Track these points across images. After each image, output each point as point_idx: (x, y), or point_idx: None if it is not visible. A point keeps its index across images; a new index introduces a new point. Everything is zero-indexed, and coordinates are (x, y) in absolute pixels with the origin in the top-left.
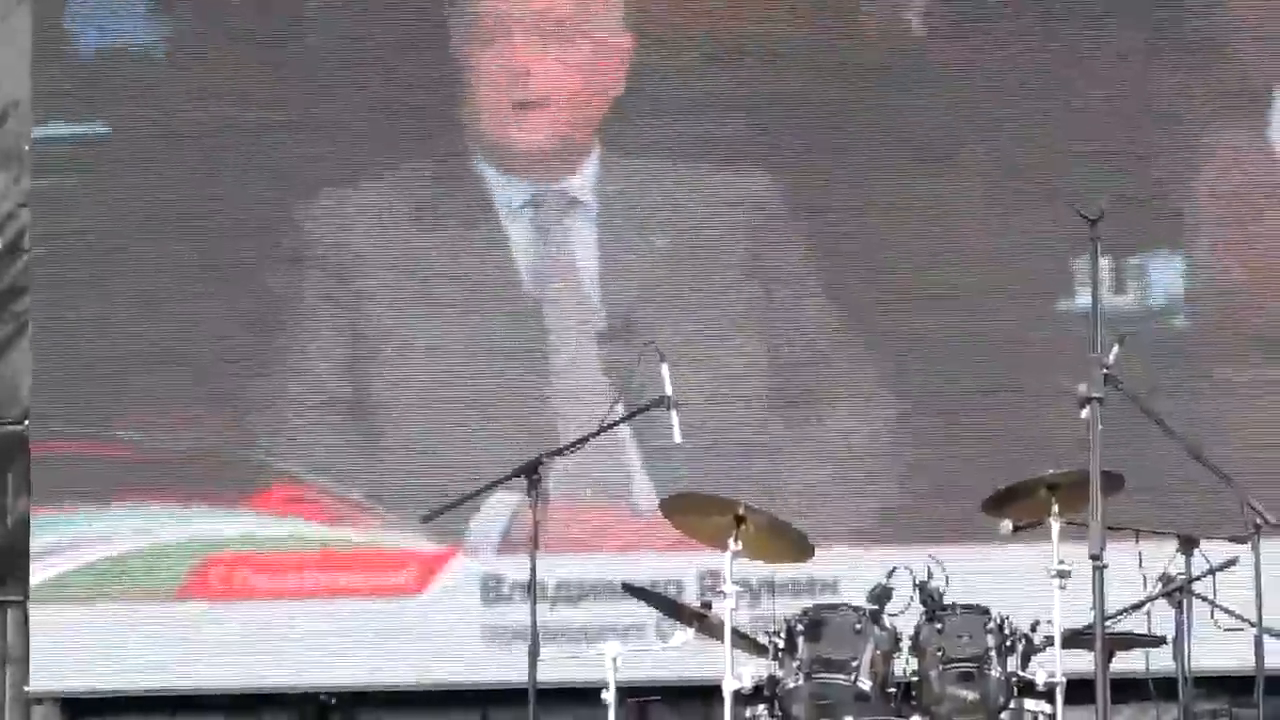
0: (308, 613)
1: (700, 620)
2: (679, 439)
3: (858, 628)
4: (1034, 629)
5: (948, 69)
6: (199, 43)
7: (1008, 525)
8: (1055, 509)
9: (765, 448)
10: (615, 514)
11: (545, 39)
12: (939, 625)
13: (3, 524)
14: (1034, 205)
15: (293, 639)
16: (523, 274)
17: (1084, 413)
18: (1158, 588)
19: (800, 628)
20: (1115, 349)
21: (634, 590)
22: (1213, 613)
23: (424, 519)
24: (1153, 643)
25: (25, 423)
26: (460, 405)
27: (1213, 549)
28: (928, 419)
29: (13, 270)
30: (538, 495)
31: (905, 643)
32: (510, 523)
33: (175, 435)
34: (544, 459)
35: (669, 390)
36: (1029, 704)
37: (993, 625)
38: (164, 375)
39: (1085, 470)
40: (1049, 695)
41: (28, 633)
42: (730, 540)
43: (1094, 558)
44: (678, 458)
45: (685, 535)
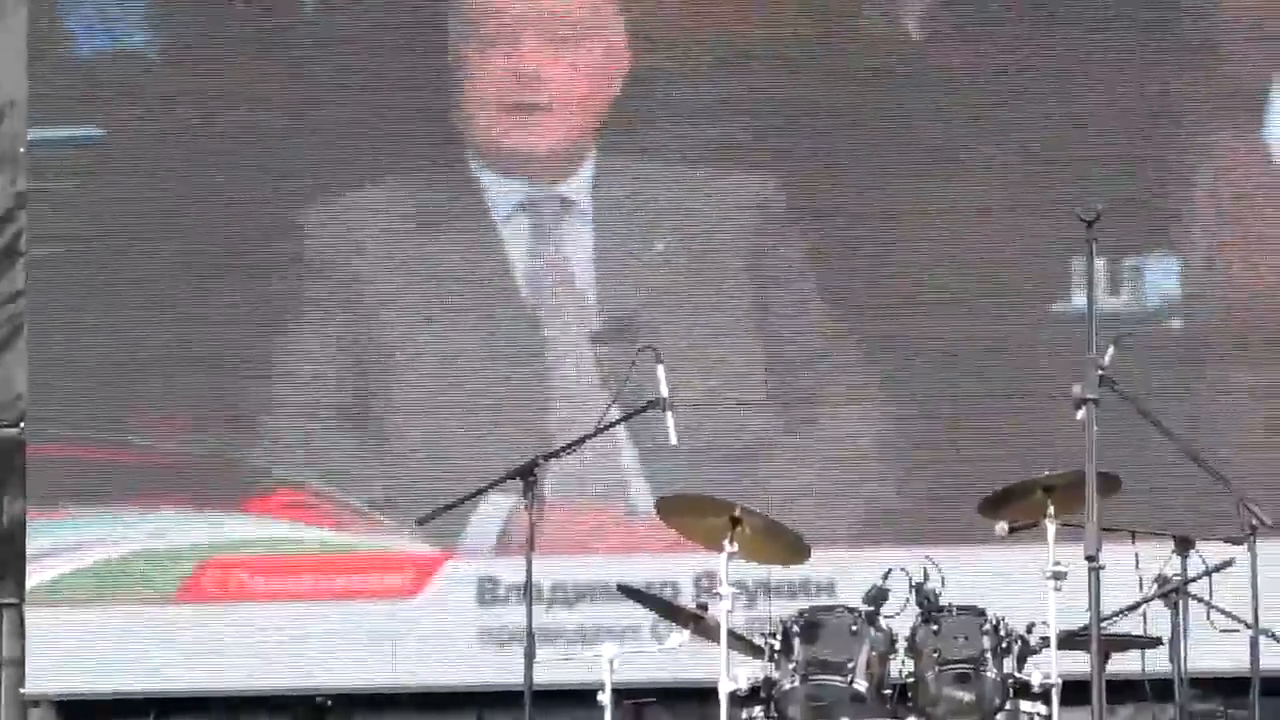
0: (304, 615)
1: (696, 622)
2: (675, 441)
3: (854, 629)
4: (1030, 630)
5: (947, 73)
6: (196, 45)
7: (1004, 527)
8: (1051, 510)
9: (761, 449)
10: (611, 516)
11: (542, 42)
12: (935, 627)
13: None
14: (1031, 208)
15: (289, 642)
16: (519, 277)
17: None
18: (1154, 589)
19: (796, 629)
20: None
21: (630, 592)
22: (1209, 614)
23: (420, 521)
24: (1149, 644)
25: (21, 425)
26: (456, 408)
27: (1209, 550)
28: (924, 421)
29: (9, 273)
30: (533, 497)
31: (901, 644)
32: (506, 525)
33: (172, 438)
34: (540, 461)
35: (665, 392)
36: (1025, 705)
37: (989, 627)
38: (161, 378)
39: (1081, 471)
40: (1045, 697)
41: (24, 635)
42: (726, 542)
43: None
44: (674, 459)
45: (681, 537)
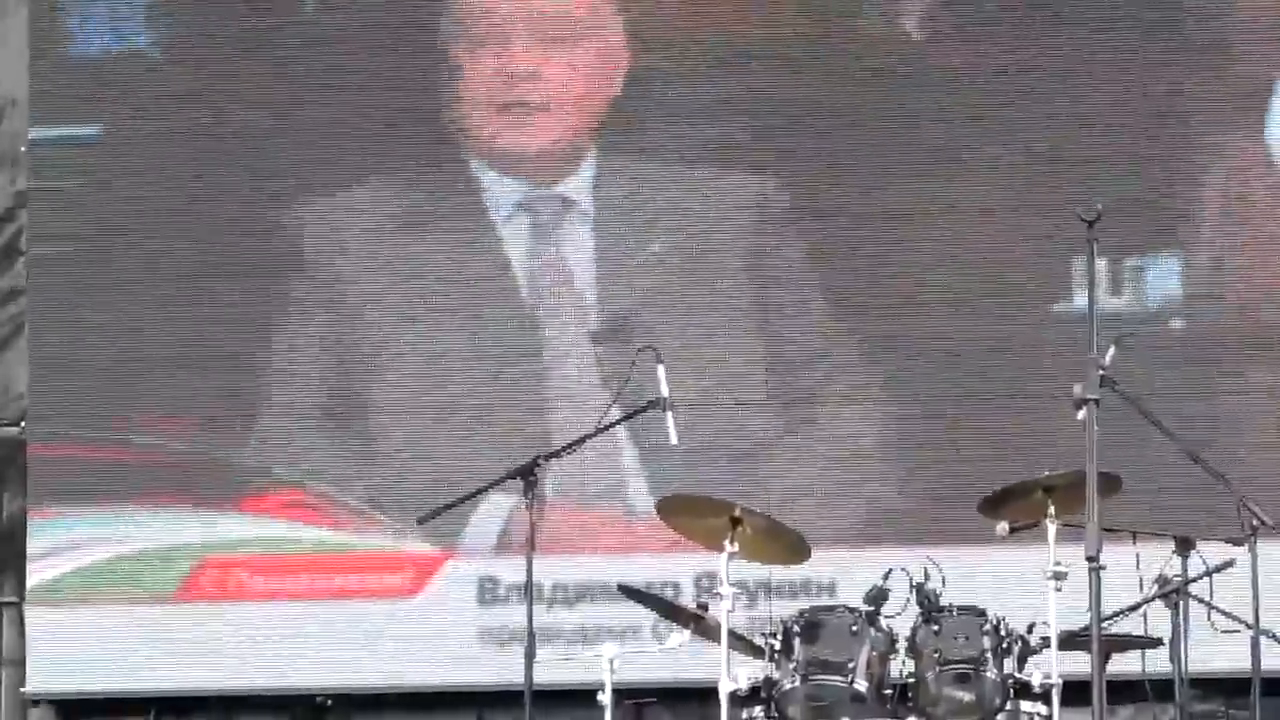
0: (304, 615)
1: (697, 622)
2: (675, 440)
3: (854, 629)
4: (1030, 630)
5: (948, 73)
6: (196, 45)
7: (1004, 527)
8: (1052, 510)
9: (762, 449)
10: (611, 516)
11: (541, 41)
12: (935, 627)
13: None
14: (1032, 208)
15: (289, 641)
16: (518, 277)
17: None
18: (1154, 589)
19: (797, 629)
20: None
21: (630, 592)
22: (1209, 614)
23: (420, 521)
24: (1149, 644)
25: (22, 425)
26: (456, 408)
27: (1210, 550)
28: (925, 421)
29: (9, 272)
30: (534, 497)
31: (902, 644)
32: (506, 524)
33: (171, 438)
34: (540, 461)
35: (665, 392)
36: (1025, 705)
37: (989, 627)
38: (162, 377)
39: (1082, 471)
40: (1045, 697)
41: (24, 635)
42: (727, 542)
43: (1090, 559)
44: (674, 459)
45: (682, 537)
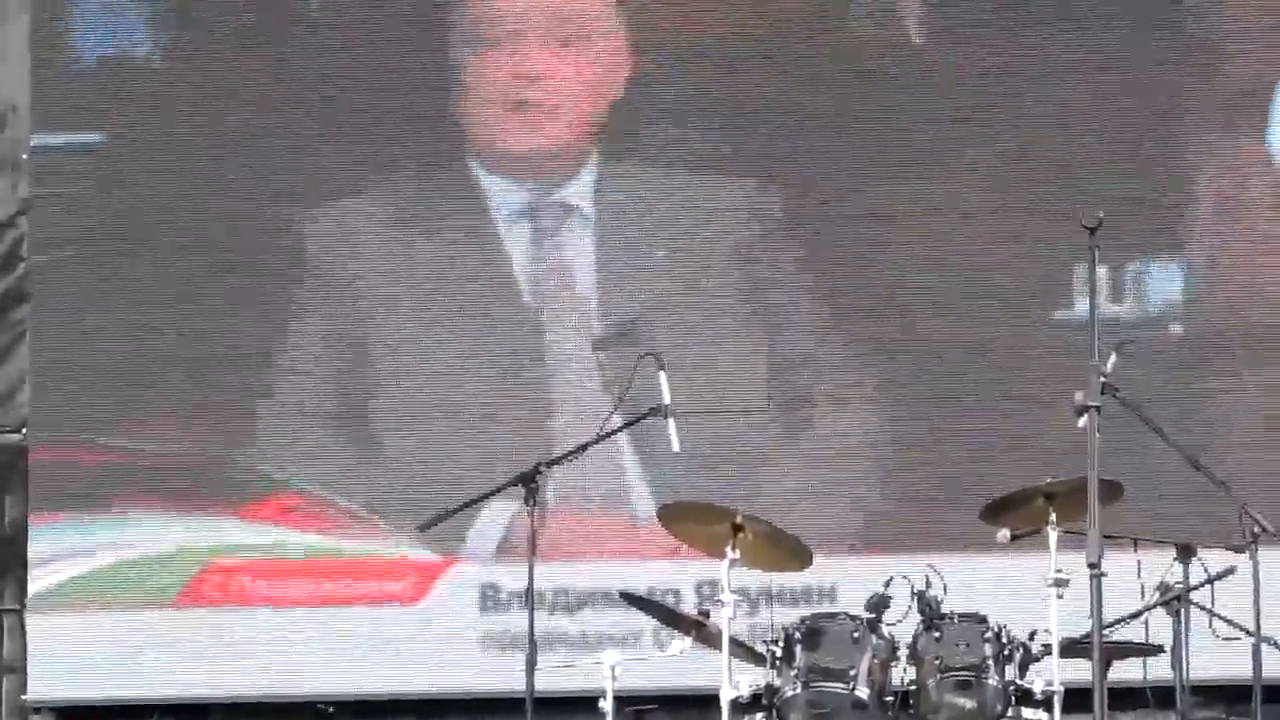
0: (305, 621)
1: (698, 629)
2: (676, 447)
3: (855, 636)
4: (1032, 638)
5: (945, 76)
6: (198, 51)
7: (1006, 534)
8: (1053, 517)
9: (763, 456)
10: (613, 522)
11: (543, 44)
12: (937, 634)
13: (1, 532)
14: (1032, 214)
15: (290, 647)
16: (520, 282)
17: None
18: (1156, 596)
19: (798, 636)
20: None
21: (632, 599)
22: (1211, 622)
23: (421, 527)
24: (1150, 652)
25: (23, 430)
26: (458, 414)
27: (1211, 558)
28: (926, 428)
29: (11, 278)
30: (535, 504)
31: (903, 651)
32: (508, 531)
33: (173, 443)
34: (541, 467)
35: (667, 399)
36: (1027, 713)
37: (990, 634)
38: (163, 383)
39: (1083, 478)
40: (1047, 704)
41: (25, 641)
42: (728, 549)
43: (1092, 566)
44: (675, 466)
45: (683, 544)
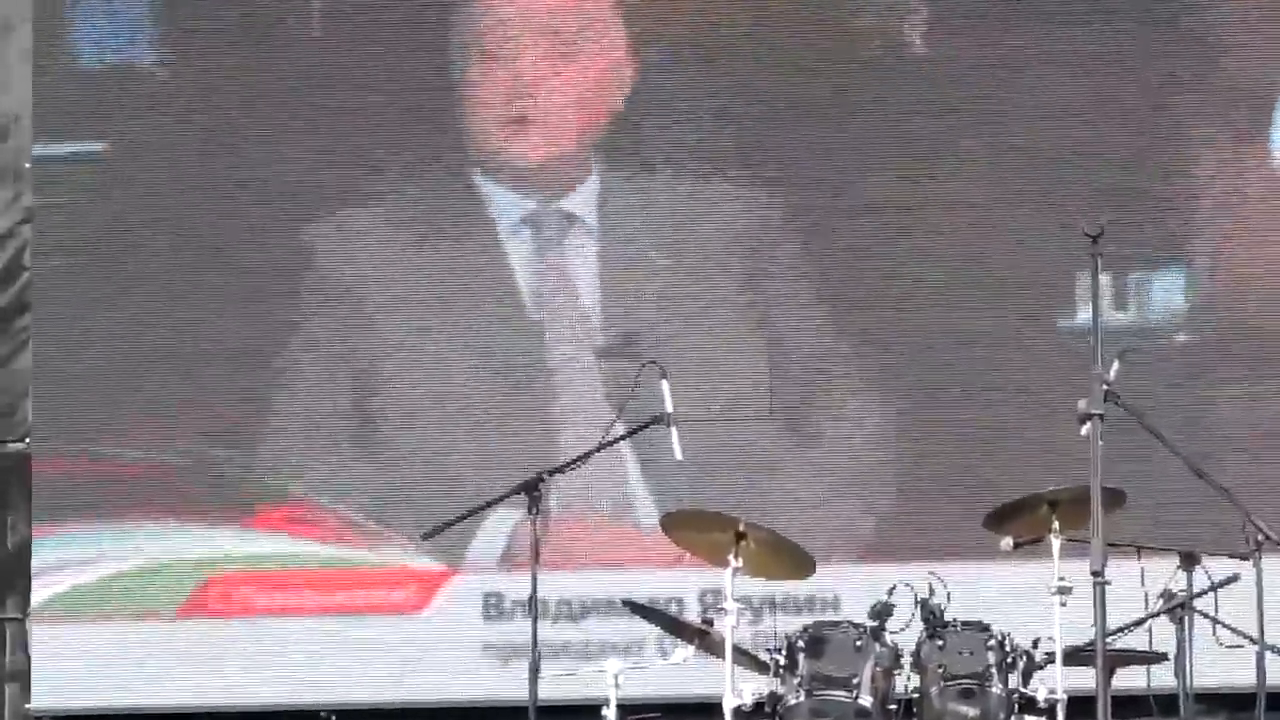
0: (308, 631)
1: (701, 637)
2: (679, 456)
3: (859, 644)
4: (1035, 646)
5: (944, 74)
6: (200, 61)
7: (1009, 542)
8: (1056, 525)
9: (767, 465)
10: (616, 531)
11: (545, 54)
12: (940, 642)
13: (4, 542)
14: (1035, 223)
15: (293, 657)
16: (523, 291)
17: (1085, 429)
18: (1159, 604)
19: (801, 644)
20: (1116, 365)
21: (635, 607)
22: (1214, 629)
23: (424, 536)
24: (1154, 659)
25: (27, 441)
26: (461, 423)
27: (1214, 565)
28: (929, 436)
29: (14, 288)
30: (538, 512)
31: (906, 659)
32: (511, 540)
33: (176, 453)
34: (544, 476)
35: (669, 407)
36: None
37: (994, 642)
38: (166, 393)
39: (1086, 486)
40: (1050, 712)
41: (29, 651)
42: (731, 557)
43: (1095, 574)
44: (678, 474)
45: (686, 552)
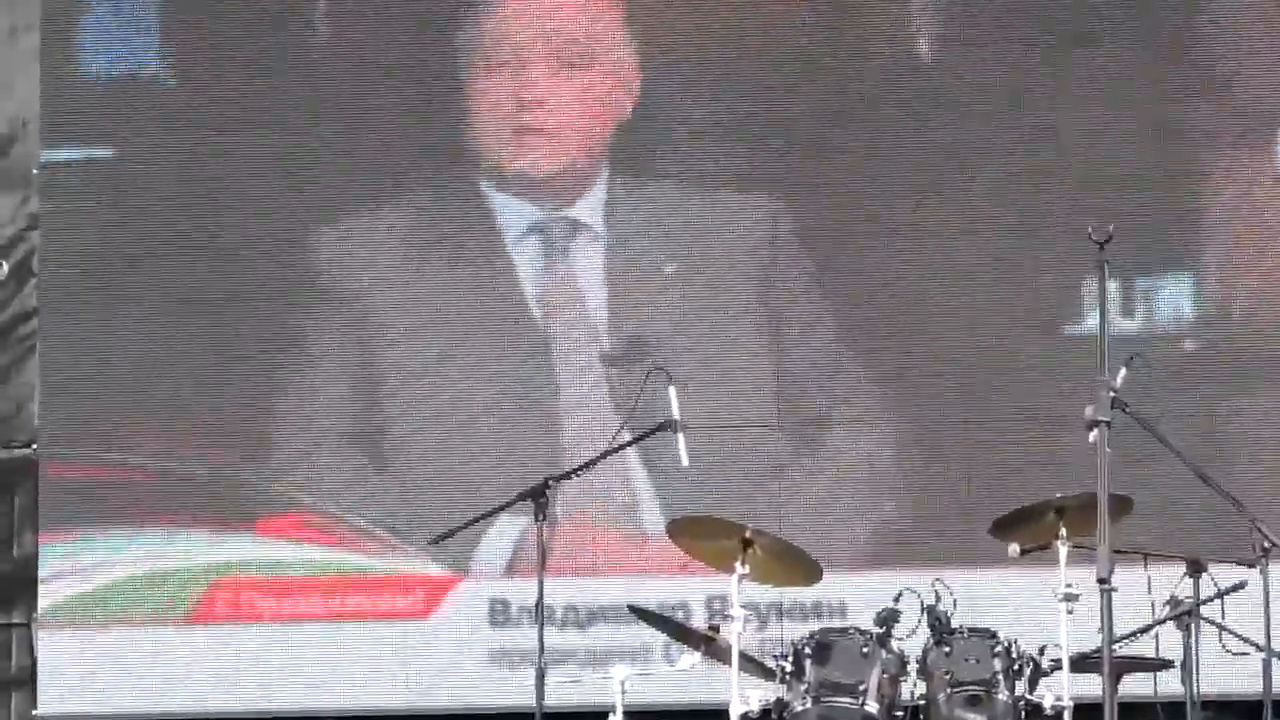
0: (316, 637)
1: (708, 643)
2: (686, 462)
3: (865, 651)
4: (1042, 652)
5: (957, 93)
6: (209, 68)
7: (1016, 548)
8: (1063, 532)
9: (773, 471)
10: (623, 537)
11: (551, 65)
12: (947, 648)
13: (11, 548)
14: (1042, 229)
15: (301, 663)
16: (530, 298)
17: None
18: (1166, 611)
19: (808, 651)
20: (1123, 372)
21: (641, 613)
22: (1221, 636)
23: (432, 542)
24: (1161, 666)
25: (34, 446)
26: (468, 430)
27: (1221, 572)
28: (936, 442)
29: (21, 293)
30: (545, 519)
31: (913, 666)
32: (517, 546)
33: (183, 459)
34: (551, 482)
35: (676, 413)
36: None
37: (1000, 649)
38: (173, 399)
39: (1093, 493)
40: (1057, 719)
41: (36, 655)
42: (738, 563)
43: (1102, 581)
44: (685, 481)
45: (693, 558)
